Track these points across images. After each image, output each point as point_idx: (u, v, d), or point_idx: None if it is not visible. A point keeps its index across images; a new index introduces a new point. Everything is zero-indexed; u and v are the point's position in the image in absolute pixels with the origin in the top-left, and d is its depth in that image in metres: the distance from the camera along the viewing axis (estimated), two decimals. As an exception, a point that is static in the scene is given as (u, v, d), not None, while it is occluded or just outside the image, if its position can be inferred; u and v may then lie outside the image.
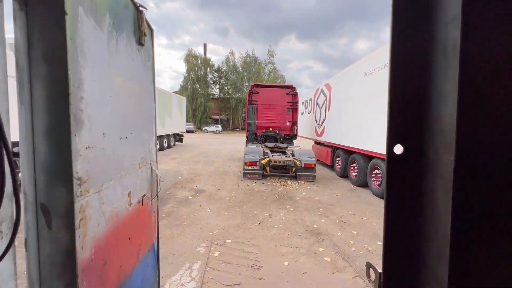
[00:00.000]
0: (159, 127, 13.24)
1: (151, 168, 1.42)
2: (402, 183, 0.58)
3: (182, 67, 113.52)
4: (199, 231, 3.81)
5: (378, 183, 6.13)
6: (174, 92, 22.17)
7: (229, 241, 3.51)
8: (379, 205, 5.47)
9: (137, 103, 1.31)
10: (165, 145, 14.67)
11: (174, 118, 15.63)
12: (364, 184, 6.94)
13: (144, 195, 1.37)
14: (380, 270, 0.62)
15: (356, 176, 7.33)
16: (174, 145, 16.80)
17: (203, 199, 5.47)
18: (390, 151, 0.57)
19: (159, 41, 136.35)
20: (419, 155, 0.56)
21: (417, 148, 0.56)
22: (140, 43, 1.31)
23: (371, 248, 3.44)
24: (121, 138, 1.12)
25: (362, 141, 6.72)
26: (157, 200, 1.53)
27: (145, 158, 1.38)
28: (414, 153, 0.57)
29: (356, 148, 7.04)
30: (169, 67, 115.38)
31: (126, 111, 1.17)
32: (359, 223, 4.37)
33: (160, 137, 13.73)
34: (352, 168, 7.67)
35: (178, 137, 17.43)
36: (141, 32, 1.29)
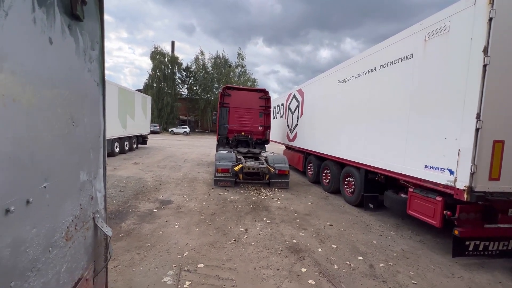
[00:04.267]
0: (119, 128, 12.04)
1: (96, 226, 0.95)
2: None
3: (145, 64, 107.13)
4: (165, 254, 3.29)
5: (351, 190, 6.17)
6: (137, 90, 20.52)
7: (202, 265, 3.07)
8: (353, 213, 5.47)
9: (62, 124, 0.80)
10: (127, 148, 13.40)
11: (137, 119, 14.39)
12: (336, 191, 6.97)
13: (78, 281, 0.87)
14: None
15: (328, 183, 7.35)
16: (137, 147, 15.47)
17: (170, 212, 4.89)
18: None
19: (120, 35, 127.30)
20: None
21: None
22: (73, 14, 0.80)
23: (353, 264, 3.29)
24: (8, 211, 0.59)
25: (335, 148, 6.75)
26: (106, 272, 1.06)
27: (83, 215, 0.88)
28: None
29: (329, 155, 7.06)
30: (131, 63, 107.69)
31: (30, 146, 0.66)
32: (337, 235, 4.25)
33: (121, 139, 12.50)
34: (324, 174, 7.69)
35: (142, 139, 16.13)
36: None
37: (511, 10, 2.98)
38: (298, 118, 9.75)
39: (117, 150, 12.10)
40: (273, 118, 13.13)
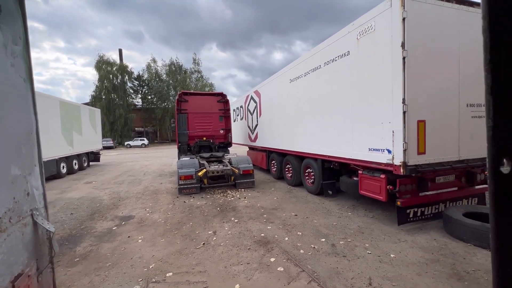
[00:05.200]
0: (65, 146, 10.87)
1: (35, 223, 0.91)
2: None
3: (90, 75, 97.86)
4: (129, 270, 3.11)
5: (311, 181, 6.57)
6: (84, 103, 18.66)
7: (170, 274, 2.99)
8: (315, 201, 5.84)
9: None
10: (76, 167, 12.13)
11: (85, 135, 13.14)
12: (299, 184, 7.35)
13: (18, 276, 0.85)
14: None
15: (291, 177, 7.70)
16: (88, 165, 14.12)
17: (131, 227, 4.62)
18: (495, 167, 0.44)
19: (56, 44, 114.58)
20: None
21: None
22: None
23: (317, 246, 3.54)
24: None
25: (294, 143, 7.12)
26: (53, 268, 1.02)
27: (18, 209, 0.86)
28: None
29: (289, 151, 7.42)
30: (73, 74, 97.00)
31: None
32: (302, 223, 4.51)
33: (68, 158, 11.28)
34: (287, 169, 8.03)
35: (94, 156, 14.76)
36: None
37: (419, 11, 3.57)
38: (257, 118, 10.01)
39: (64, 171, 10.88)
40: (234, 121, 13.23)
